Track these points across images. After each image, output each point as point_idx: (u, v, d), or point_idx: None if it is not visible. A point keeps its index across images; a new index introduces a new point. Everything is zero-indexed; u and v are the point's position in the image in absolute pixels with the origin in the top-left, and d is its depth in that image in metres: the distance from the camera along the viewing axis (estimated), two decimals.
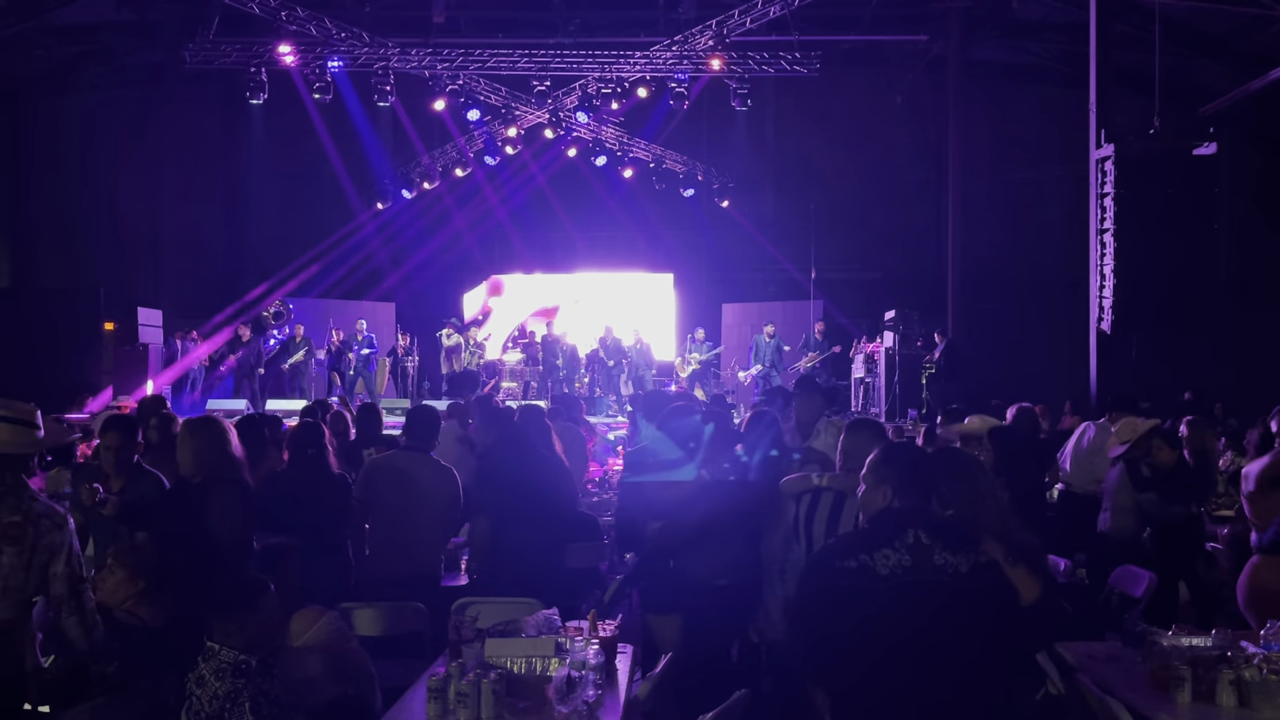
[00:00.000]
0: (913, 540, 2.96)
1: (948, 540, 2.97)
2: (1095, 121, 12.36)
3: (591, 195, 19.14)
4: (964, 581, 2.92)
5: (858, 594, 2.96)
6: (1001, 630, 2.96)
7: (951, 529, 3.02)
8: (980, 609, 2.91)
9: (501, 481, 5.19)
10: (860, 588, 2.96)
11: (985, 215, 18.44)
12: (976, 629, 2.92)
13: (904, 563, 2.94)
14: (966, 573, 2.93)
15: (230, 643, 3.29)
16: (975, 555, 2.95)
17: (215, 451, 4.57)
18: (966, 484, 3.15)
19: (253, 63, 15.87)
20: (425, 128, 18.42)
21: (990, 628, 2.93)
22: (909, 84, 18.96)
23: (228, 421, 5.01)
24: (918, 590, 2.92)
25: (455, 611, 4.43)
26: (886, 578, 2.94)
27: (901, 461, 3.16)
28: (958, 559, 2.94)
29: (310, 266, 18.30)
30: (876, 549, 2.98)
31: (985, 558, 2.94)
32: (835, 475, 4.29)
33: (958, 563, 2.93)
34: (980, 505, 3.10)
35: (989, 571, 2.93)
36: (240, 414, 13.39)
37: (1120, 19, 13.46)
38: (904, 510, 3.06)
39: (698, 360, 16.28)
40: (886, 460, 3.17)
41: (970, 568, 2.93)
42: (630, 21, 17.63)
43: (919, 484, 3.11)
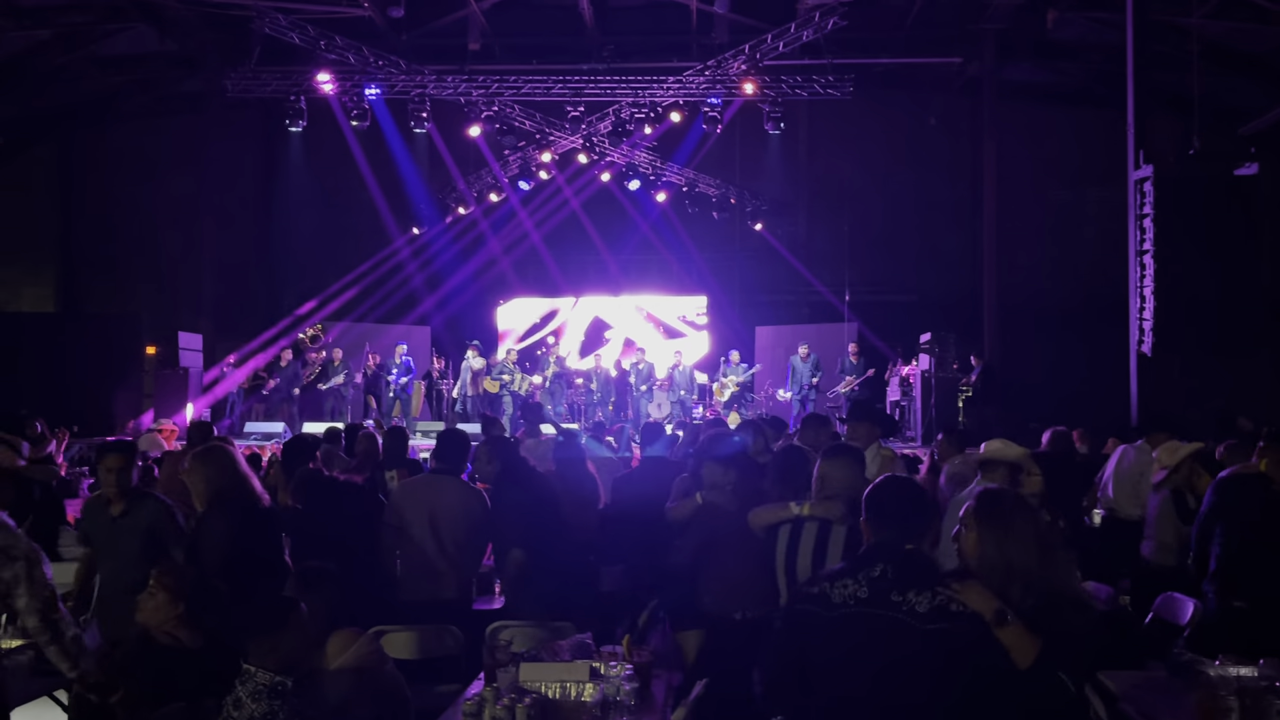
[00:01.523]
0: (877, 574, 2.91)
1: (912, 579, 2.88)
2: (1133, 142, 12.24)
3: (625, 219, 19.23)
4: (918, 621, 2.81)
5: (812, 620, 2.95)
6: (956, 681, 2.79)
7: (921, 568, 2.94)
8: (931, 652, 2.78)
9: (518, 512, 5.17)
10: (814, 615, 2.95)
11: (1021, 237, 18.31)
12: (926, 672, 2.80)
13: (859, 594, 2.90)
14: (924, 613, 2.81)
15: (265, 664, 3.30)
16: (943, 598, 2.82)
17: (226, 476, 4.63)
18: (998, 524, 3.00)
19: (292, 91, 16.14)
20: (460, 153, 18.62)
21: (942, 673, 2.79)
22: (943, 105, 18.91)
23: (234, 445, 5.07)
24: (867, 624, 2.86)
25: (489, 635, 4.43)
26: (838, 606, 2.91)
27: (880, 497, 3.09)
28: (919, 598, 2.83)
29: (347, 291, 18.53)
30: (839, 579, 2.96)
31: (957, 604, 2.81)
32: (817, 503, 4.09)
33: (917, 602, 2.83)
34: (1012, 546, 2.95)
35: (953, 617, 2.80)
36: (278, 437, 13.59)
37: (1157, 39, 13.36)
38: (880, 544, 3.00)
39: (735, 383, 16.24)
40: (870, 496, 3.11)
41: (930, 609, 2.81)
42: (663, 47, 17.74)
43: (899, 520, 3.02)
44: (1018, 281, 17.59)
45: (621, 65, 16.80)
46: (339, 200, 19.56)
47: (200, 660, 3.78)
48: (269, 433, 14.06)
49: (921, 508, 3.12)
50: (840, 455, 4.21)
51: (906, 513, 3.05)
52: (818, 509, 4.06)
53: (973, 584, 2.88)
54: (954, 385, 14.88)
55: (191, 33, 17.26)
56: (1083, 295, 17.50)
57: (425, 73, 16.33)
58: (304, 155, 19.13)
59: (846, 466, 4.01)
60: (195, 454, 4.88)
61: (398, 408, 15.64)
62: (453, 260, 19.17)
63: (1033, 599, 2.89)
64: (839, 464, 4.08)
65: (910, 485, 3.24)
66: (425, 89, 16.28)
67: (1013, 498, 3.11)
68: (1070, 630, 2.87)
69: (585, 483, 6.19)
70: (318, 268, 19.42)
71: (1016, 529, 2.99)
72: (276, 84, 16.27)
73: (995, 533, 2.98)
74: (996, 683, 2.79)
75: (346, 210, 19.58)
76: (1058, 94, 18.76)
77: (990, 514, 3.03)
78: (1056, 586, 2.96)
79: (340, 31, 15.56)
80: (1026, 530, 3.00)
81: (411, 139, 17.88)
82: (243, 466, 4.78)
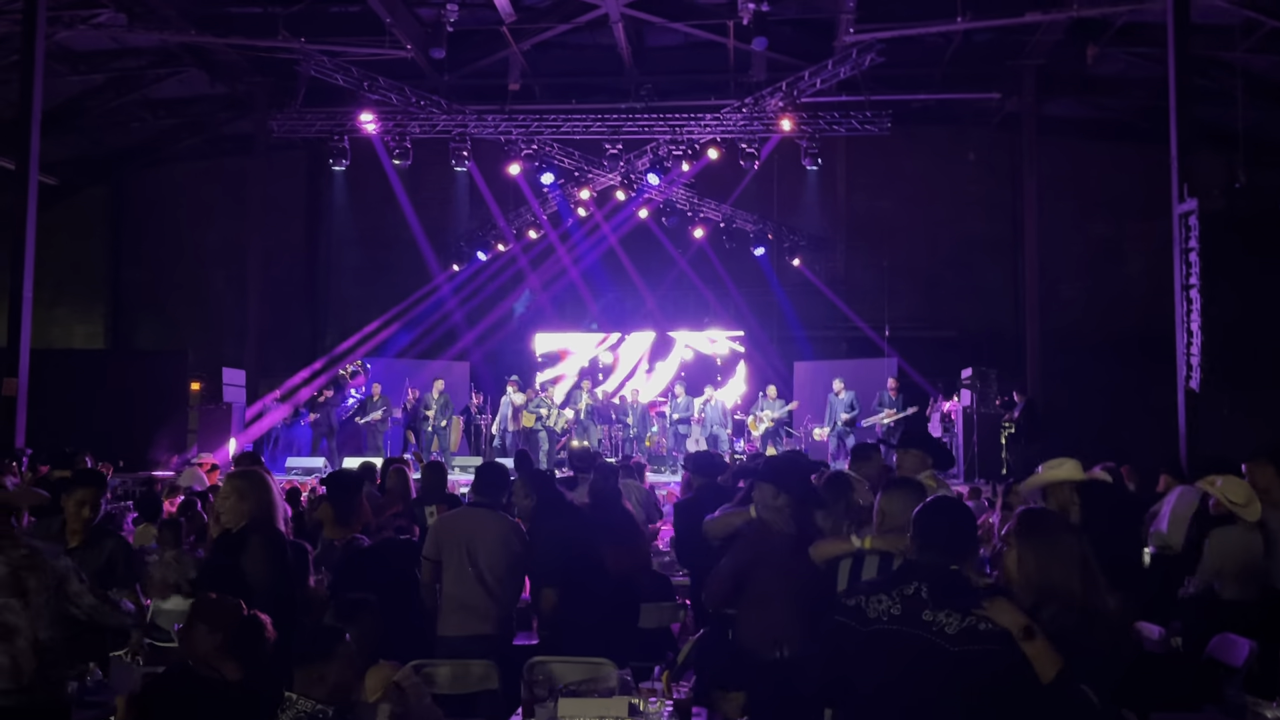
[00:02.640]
0: (911, 592, 2.94)
1: (946, 598, 2.90)
2: (1178, 176, 12.12)
3: (662, 255, 19.29)
4: (948, 642, 2.84)
5: (847, 633, 2.99)
6: (985, 700, 2.81)
7: (957, 589, 2.94)
8: (960, 673, 2.82)
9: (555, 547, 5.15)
10: (849, 627, 2.99)
11: (1063, 272, 18.14)
12: (952, 692, 2.83)
13: (892, 611, 2.93)
14: (953, 634, 2.85)
15: (310, 693, 3.32)
16: (973, 620, 2.84)
17: (267, 499, 4.65)
18: (1041, 543, 3.01)
19: (336, 131, 16.46)
20: (500, 191, 18.83)
21: (968, 693, 2.82)
22: (982, 141, 18.85)
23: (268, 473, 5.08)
24: (898, 641, 2.90)
25: (528, 670, 4.41)
26: (872, 621, 2.94)
27: (926, 516, 3.11)
28: (949, 619, 2.86)
29: (388, 327, 18.74)
30: (875, 593, 3.00)
31: (986, 624, 2.83)
32: (877, 537, 4.02)
33: (947, 622, 2.86)
34: (1054, 565, 2.96)
35: (983, 637, 2.82)
36: (319, 471, 13.70)
37: (1200, 73, 13.26)
38: (918, 564, 3.02)
39: (770, 418, 16.16)
40: (918, 514, 3.13)
41: (959, 630, 2.84)
42: (701, 85, 17.89)
43: (943, 540, 3.04)
44: (1060, 316, 17.40)
45: (659, 104, 16.96)
46: (381, 237, 19.85)
47: (241, 692, 3.79)
48: (309, 467, 14.18)
49: (966, 531, 3.14)
50: (899, 488, 4.14)
51: (950, 534, 3.06)
52: (879, 543, 4.00)
53: (1001, 600, 2.89)
54: (996, 421, 14.69)
55: (240, 75, 17.70)
56: (1126, 330, 17.26)
57: (466, 112, 16.59)
58: (347, 194, 19.48)
59: (905, 499, 3.92)
60: (236, 473, 4.90)
61: (436, 443, 15.73)
62: (492, 296, 19.33)
63: (1067, 618, 2.89)
64: (898, 496, 4.00)
65: (957, 507, 3.24)
66: (466, 128, 16.53)
67: (1057, 517, 3.11)
68: (1100, 649, 2.86)
69: (621, 517, 6.16)
70: (359, 304, 19.68)
71: (1060, 548, 3.00)
72: (321, 124, 16.60)
73: (1038, 551, 2.99)
74: (1022, 699, 2.81)
75: (388, 247, 19.86)
76: (1098, 129, 18.64)
77: (1033, 532, 3.04)
78: (1095, 608, 2.94)
79: (383, 72, 15.87)
80: (1070, 550, 3.00)
81: (452, 177, 18.13)
82: (278, 495, 4.80)
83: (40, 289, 13.65)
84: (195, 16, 15.46)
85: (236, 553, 4.48)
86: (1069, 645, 2.81)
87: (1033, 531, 3.04)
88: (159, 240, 20.73)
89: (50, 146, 14.42)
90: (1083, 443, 13.70)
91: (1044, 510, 3.12)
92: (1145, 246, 16.83)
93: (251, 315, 18.43)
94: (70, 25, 14.70)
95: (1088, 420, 15.90)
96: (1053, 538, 3.03)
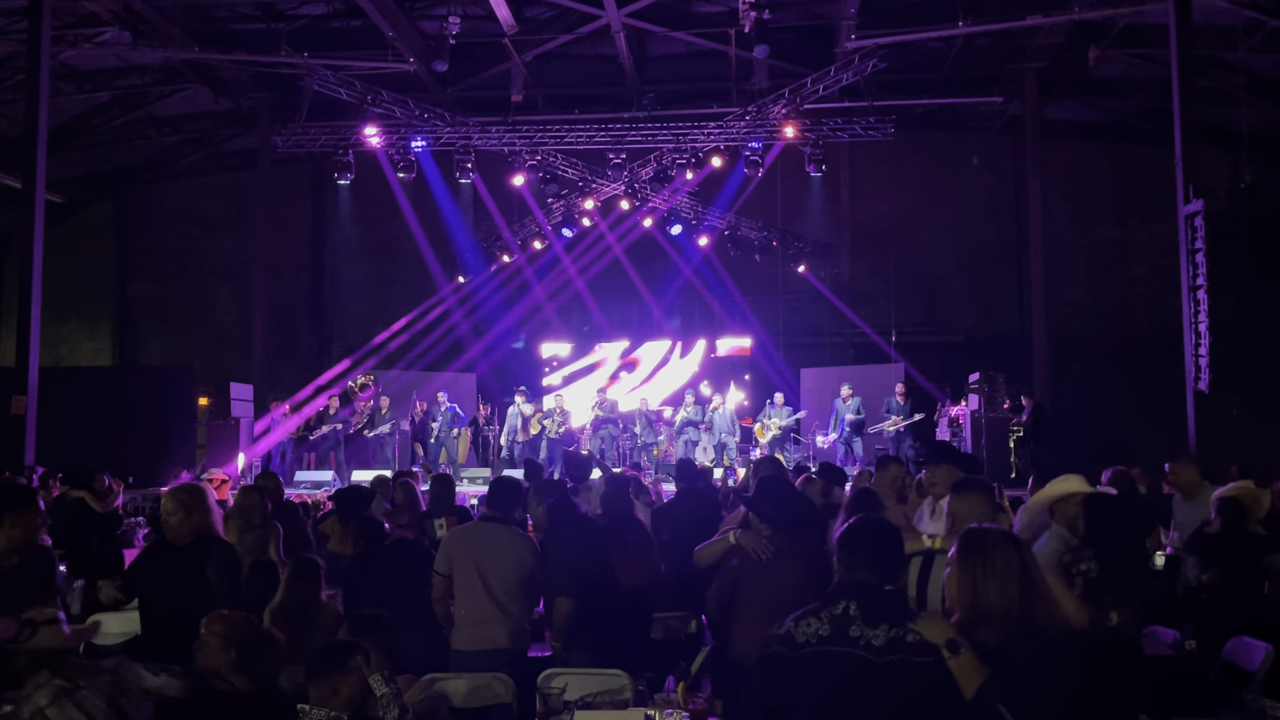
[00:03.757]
0: (840, 611, 2.94)
1: (872, 614, 2.91)
2: (1182, 177, 12.11)
3: (667, 263, 19.33)
4: (874, 654, 2.85)
5: (778, 661, 2.98)
6: (911, 708, 2.82)
7: (882, 604, 2.94)
8: (886, 684, 2.82)
9: (569, 558, 5.15)
10: (780, 655, 2.98)
11: (1069, 274, 18.13)
12: (884, 705, 2.83)
13: (821, 632, 2.93)
14: (880, 646, 2.85)
15: (325, 705, 3.36)
16: (900, 631, 2.85)
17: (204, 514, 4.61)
18: (975, 561, 2.99)
19: (340, 145, 16.51)
20: (505, 202, 18.88)
21: (897, 703, 2.82)
22: (985, 145, 18.87)
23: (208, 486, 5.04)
24: (826, 660, 2.90)
25: (542, 683, 4.40)
26: (802, 645, 2.94)
27: (853, 537, 3.10)
28: (875, 633, 2.87)
29: (395, 340, 18.78)
30: (804, 618, 2.99)
31: (913, 636, 2.84)
32: (948, 536, 3.99)
33: (873, 636, 2.86)
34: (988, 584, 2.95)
35: (908, 648, 2.83)
36: (327, 485, 13.72)
37: (1202, 74, 13.26)
38: (848, 583, 3.01)
39: (777, 426, 16.14)
40: (843, 534, 3.12)
41: (885, 642, 2.85)
42: (703, 93, 17.93)
43: (873, 561, 3.03)
44: (1067, 319, 17.39)
45: (662, 113, 16.99)
46: (386, 250, 19.92)
47: (253, 704, 3.81)
48: (318, 481, 14.19)
49: (894, 550, 3.13)
50: (969, 490, 4.11)
51: (878, 555, 3.05)
52: (949, 542, 3.90)
53: (931, 615, 2.91)
54: (1004, 425, 14.67)
55: (244, 91, 17.77)
56: (1134, 332, 17.25)
57: (469, 124, 16.64)
58: (352, 207, 19.54)
59: (976, 500, 3.94)
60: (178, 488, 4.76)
61: (444, 455, 15.74)
62: (498, 308, 19.36)
63: (1000, 634, 2.89)
64: (969, 499, 4.00)
65: (885, 528, 3.22)
66: (470, 140, 16.57)
67: (996, 535, 3.08)
68: (1033, 670, 2.83)
69: (633, 527, 6.15)
70: (365, 317, 19.75)
71: (995, 564, 2.97)
72: (325, 139, 16.66)
73: (972, 570, 2.98)
74: (944, 713, 2.80)
75: (393, 260, 19.93)
76: (1101, 131, 18.64)
77: (967, 551, 3.02)
78: (1037, 623, 2.92)
79: (387, 86, 15.92)
80: (1008, 564, 2.97)
81: (457, 189, 18.18)
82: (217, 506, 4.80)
83: (48, 306, 13.70)
84: (198, 33, 15.54)
85: (200, 565, 4.47)
86: (1000, 662, 2.81)
87: (967, 551, 3.02)
88: (165, 256, 20.81)
89: (56, 164, 14.50)
90: (1091, 446, 13.71)
91: (983, 529, 3.10)
92: (1151, 248, 16.83)
93: (258, 330, 18.47)
94: (75, 44, 14.79)
95: (1096, 423, 15.87)
96: (986, 555, 2.99)
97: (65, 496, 7.65)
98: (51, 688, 3.39)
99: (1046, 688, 2.83)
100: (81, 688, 3.42)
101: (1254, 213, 11.64)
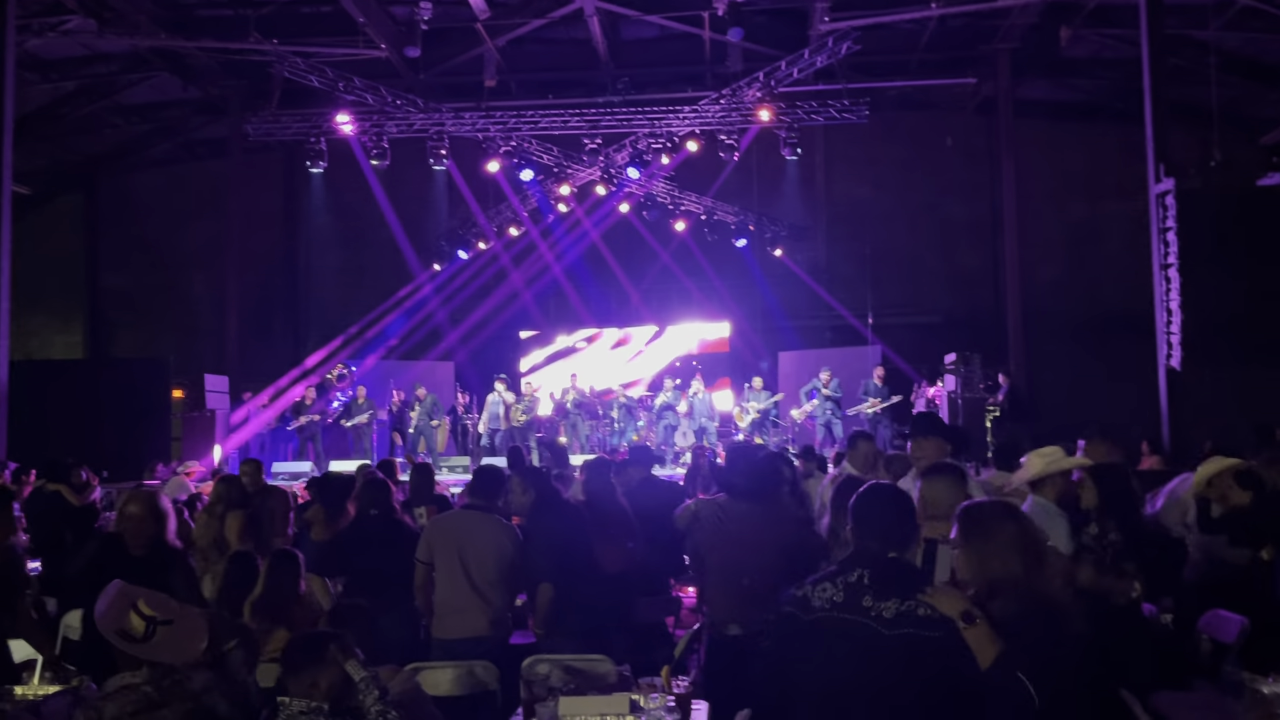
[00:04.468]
0: (854, 578, 2.99)
1: (884, 586, 2.94)
2: (1153, 156, 12.19)
3: (645, 249, 19.29)
4: (884, 626, 2.89)
5: (791, 622, 3.03)
6: (922, 680, 2.85)
7: (899, 577, 2.98)
8: (895, 659, 2.86)
9: (552, 544, 5.16)
10: (794, 616, 3.03)
11: (1043, 254, 18.22)
12: (893, 675, 2.87)
13: (835, 598, 2.97)
14: (890, 619, 2.89)
15: (305, 697, 3.36)
16: (911, 605, 2.88)
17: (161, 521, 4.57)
18: (978, 537, 3.01)
19: (312, 133, 16.34)
20: (480, 189, 18.76)
21: (907, 675, 2.86)
22: (959, 126, 18.93)
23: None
24: (837, 626, 2.95)
25: (526, 670, 4.40)
26: (815, 610, 2.99)
27: (863, 505, 3.15)
28: (886, 605, 2.90)
29: (371, 329, 18.65)
30: (820, 583, 3.04)
31: (925, 610, 2.87)
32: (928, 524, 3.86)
33: (884, 608, 2.90)
34: (992, 558, 2.96)
35: (917, 622, 2.86)
36: (305, 475, 13.63)
37: (1173, 52, 13.32)
38: (862, 551, 3.06)
39: (756, 409, 16.19)
40: (855, 502, 3.17)
41: (895, 615, 2.89)
42: (678, 77, 17.87)
43: (881, 528, 3.07)
44: (1041, 298, 17.49)
45: (637, 97, 16.92)
46: (361, 239, 19.76)
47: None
48: (296, 472, 14.10)
49: (905, 518, 3.16)
50: (940, 474, 4.09)
51: (889, 522, 3.09)
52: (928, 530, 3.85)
53: (944, 588, 2.92)
54: (981, 405, 14.76)
55: (213, 79, 17.55)
56: (1107, 310, 17.38)
57: (443, 110, 16.51)
58: (325, 196, 19.35)
59: (947, 485, 3.91)
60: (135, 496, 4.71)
61: (423, 444, 15.68)
62: (474, 295, 19.27)
63: (1013, 607, 2.90)
64: (939, 483, 3.98)
65: (895, 494, 3.26)
66: (443, 126, 16.44)
67: (995, 509, 3.11)
68: (1043, 638, 2.85)
69: (616, 513, 6.16)
70: (341, 306, 19.59)
71: (998, 538, 2.99)
72: (297, 126, 16.48)
73: (976, 546, 3.00)
74: (960, 684, 2.83)
75: (368, 248, 19.78)
76: (1074, 110, 18.74)
77: (970, 529, 3.04)
78: (1043, 595, 2.95)
79: (358, 73, 15.77)
80: (1010, 537, 3.00)
81: (431, 176, 18.04)
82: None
83: (17, 299, 13.49)
84: (165, 20, 15.31)
85: (162, 576, 4.38)
86: (1013, 633, 2.83)
87: (969, 528, 3.05)
88: (136, 247, 20.56)
89: (23, 155, 14.25)
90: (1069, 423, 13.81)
91: (980, 504, 3.14)
92: (1124, 226, 16.92)
93: (232, 320, 18.31)
94: (40, 33, 14.53)
95: (1071, 400, 16.01)
96: (988, 530, 3.01)
97: (43, 490, 7.58)
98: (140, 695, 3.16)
99: (1056, 656, 2.84)
100: (163, 706, 3.18)
101: (1224, 190, 11.75)
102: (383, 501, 5.70)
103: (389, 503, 5.74)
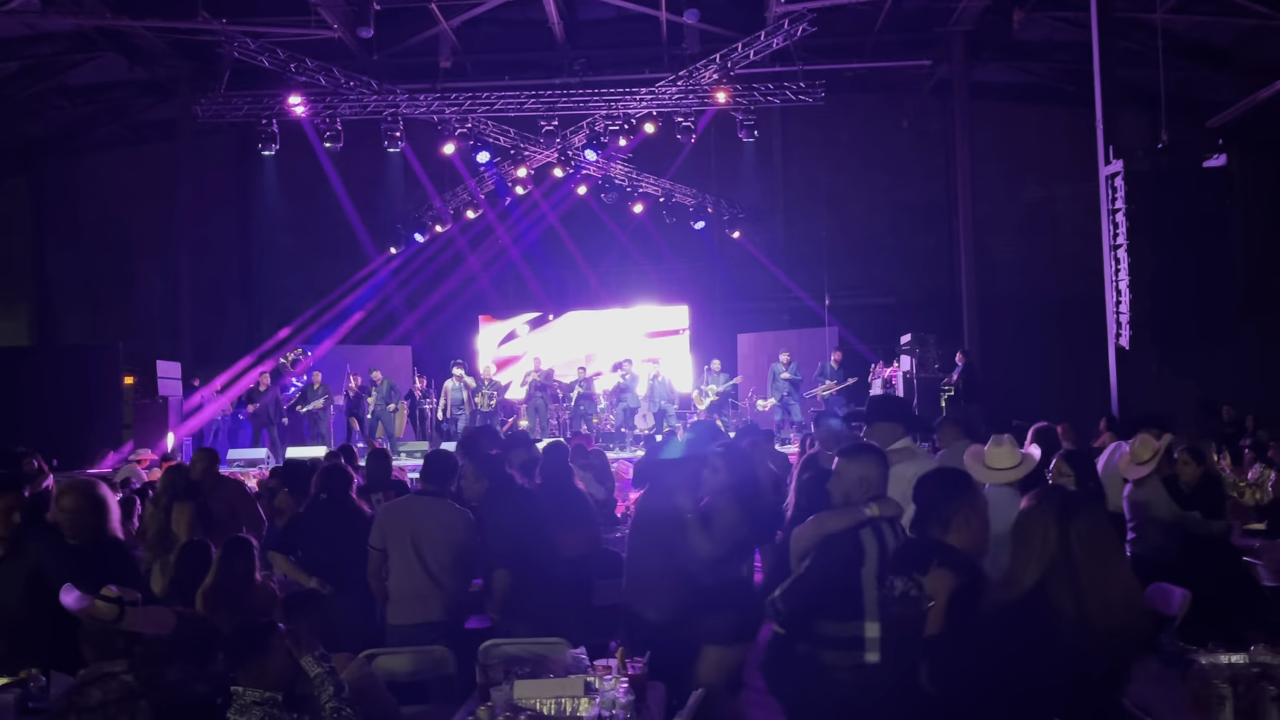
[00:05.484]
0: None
1: (905, 563, 3.12)
2: (1103, 138, 12.36)
3: (603, 231, 19.24)
4: (891, 605, 3.14)
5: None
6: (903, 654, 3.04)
7: (917, 553, 3.12)
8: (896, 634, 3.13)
9: (507, 530, 5.16)
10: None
11: (998, 235, 18.42)
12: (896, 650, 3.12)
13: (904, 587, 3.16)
14: (895, 597, 3.09)
15: (257, 686, 3.37)
16: (912, 584, 3.04)
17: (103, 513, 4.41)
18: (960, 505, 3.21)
19: (264, 115, 16.08)
20: (436, 171, 18.59)
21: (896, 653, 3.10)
22: (915, 108, 19.05)
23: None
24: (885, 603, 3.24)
25: (482, 654, 4.40)
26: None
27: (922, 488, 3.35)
28: (899, 582, 3.09)
29: (326, 313, 18.44)
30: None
31: (916, 590, 3.01)
32: (882, 502, 3.67)
33: (895, 585, 3.10)
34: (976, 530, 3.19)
35: (909, 601, 3.03)
36: (261, 462, 13.49)
37: (1123, 36, 13.48)
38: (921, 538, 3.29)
39: (715, 392, 16.25)
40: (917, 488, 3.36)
41: (900, 593, 3.07)
42: (635, 59, 17.79)
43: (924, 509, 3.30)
44: (995, 279, 17.69)
45: (594, 78, 16.84)
46: (315, 222, 19.49)
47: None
48: (251, 459, 13.96)
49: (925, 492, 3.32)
50: (866, 454, 3.85)
51: (918, 499, 3.31)
52: (886, 508, 3.66)
53: (943, 570, 2.97)
54: (936, 385, 14.94)
55: (160, 60, 17.19)
56: (1060, 291, 17.62)
57: (397, 92, 16.31)
58: (278, 179, 19.04)
59: (877, 464, 3.74)
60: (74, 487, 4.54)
61: (380, 429, 15.57)
62: (431, 279, 19.13)
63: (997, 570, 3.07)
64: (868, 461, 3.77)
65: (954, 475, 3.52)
66: (398, 108, 16.25)
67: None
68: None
69: (573, 497, 6.17)
70: (296, 290, 19.34)
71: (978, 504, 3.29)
72: (248, 108, 16.21)
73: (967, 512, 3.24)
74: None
75: (323, 232, 19.52)
76: (1027, 93, 18.92)
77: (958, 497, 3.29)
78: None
79: (310, 54, 15.52)
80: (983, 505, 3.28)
81: (386, 158, 17.84)
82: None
83: None
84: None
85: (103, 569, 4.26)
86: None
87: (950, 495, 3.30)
88: (84, 231, 20.14)
89: None
90: (1019, 403, 14.01)
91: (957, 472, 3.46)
92: (1075, 208, 17.16)
93: (185, 305, 18.02)
94: None
95: (1024, 380, 16.27)
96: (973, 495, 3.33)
97: None
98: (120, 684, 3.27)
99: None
100: (141, 697, 3.27)
101: (1171, 172, 11.93)
102: (337, 487, 5.64)
103: (344, 489, 5.68)
